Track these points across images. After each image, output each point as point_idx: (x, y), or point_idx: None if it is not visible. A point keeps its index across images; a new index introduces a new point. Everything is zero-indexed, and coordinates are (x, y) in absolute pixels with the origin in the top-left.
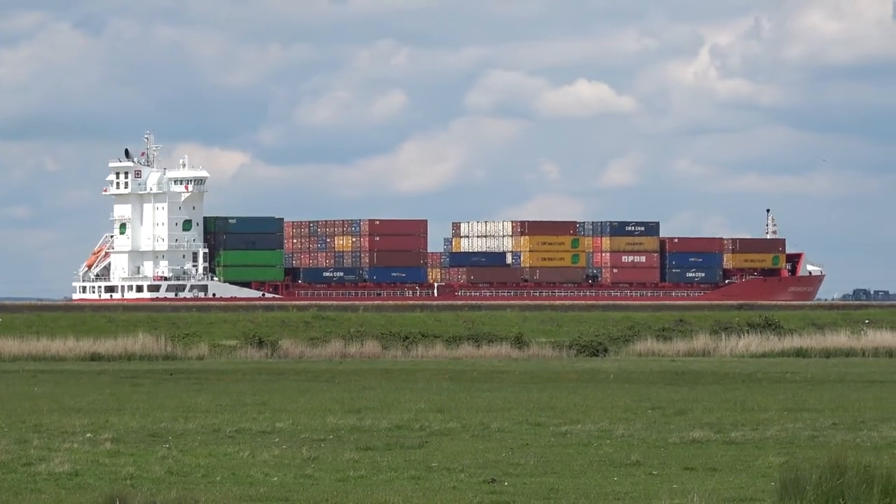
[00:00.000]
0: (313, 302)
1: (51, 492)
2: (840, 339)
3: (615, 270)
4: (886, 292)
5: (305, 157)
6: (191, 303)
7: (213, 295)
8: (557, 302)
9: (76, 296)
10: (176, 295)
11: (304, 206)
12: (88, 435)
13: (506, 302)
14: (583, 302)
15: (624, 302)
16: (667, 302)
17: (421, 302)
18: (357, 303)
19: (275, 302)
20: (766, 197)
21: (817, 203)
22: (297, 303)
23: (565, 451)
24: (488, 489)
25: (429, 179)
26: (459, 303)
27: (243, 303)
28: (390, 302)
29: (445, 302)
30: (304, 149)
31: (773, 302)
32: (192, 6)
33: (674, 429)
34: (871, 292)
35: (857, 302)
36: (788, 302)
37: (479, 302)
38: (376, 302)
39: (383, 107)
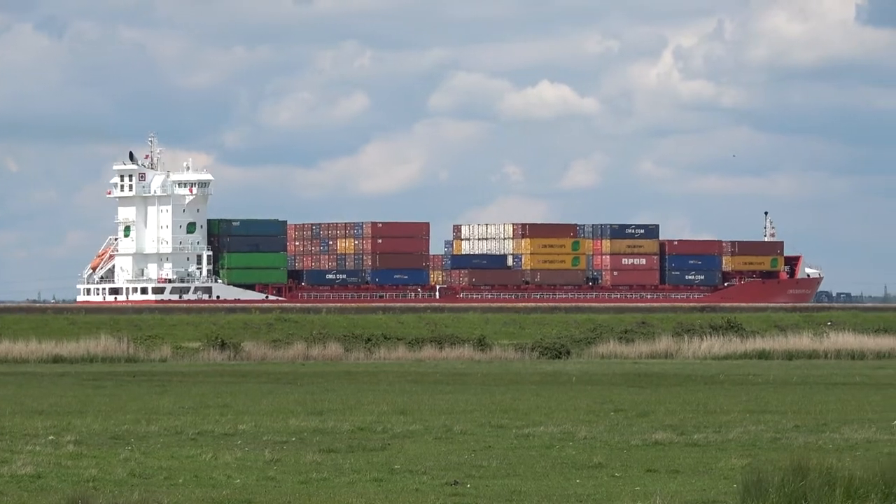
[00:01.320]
0: (316, 304)
1: (13, 494)
2: (802, 341)
3: (615, 273)
4: (849, 294)
5: (268, 159)
6: (196, 305)
7: (218, 297)
8: (561, 304)
9: (80, 298)
10: (180, 297)
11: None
12: (51, 437)
13: (507, 304)
14: (585, 304)
15: (626, 304)
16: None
17: (424, 304)
18: (360, 304)
19: (278, 304)
20: (729, 198)
21: (780, 205)
22: (300, 305)
23: (528, 453)
24: (451, 491)
25: (392, 181)
26: (463, 305)
27: (247, 304)
28: (394, 304)
29: (448, 304)
30: (268, 150)
31: (772, 304)
32: (155, 7)
33: (636, 431)
34: (834, 294)
35: (820, 304)
36: (784, 304)
37: (480, 304)
38: (379, 304)
39: (346, 109)
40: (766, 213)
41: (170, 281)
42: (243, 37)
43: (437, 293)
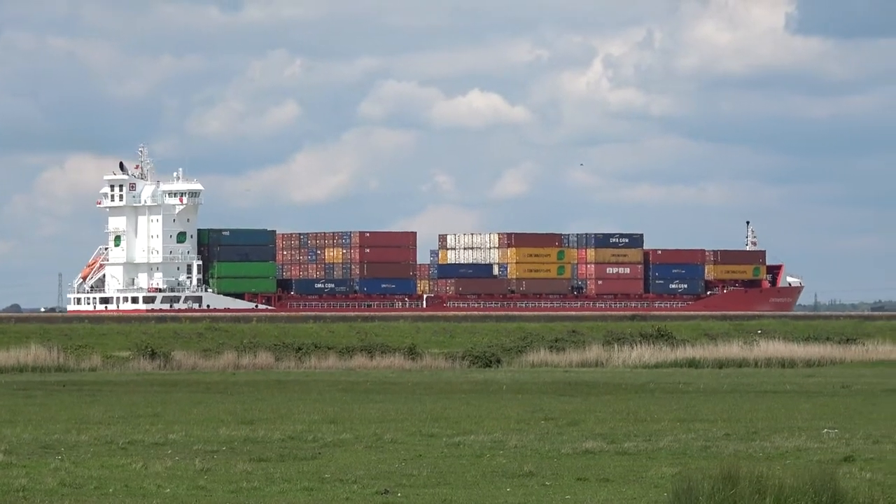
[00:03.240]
0: (306, 313)
1: None
2: (732, 349)
3: (600, 282)
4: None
5: (198, 168)
6: (186, 314)
7: (208, 306)
8: (544, 313)
9: (71, 307)
10: (171, 306)
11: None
12: None
13: (492, 313)
14: (572, 312)
15: (608, 312)
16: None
17: (410, 313)
18: (348, 314)
19: (268, 313)
20: (659, 207)
21: (709, 213)
22: (290, 314)
23: (458, 461)
24: (381, 500)
25: (322, 190)
26: (449, 314)
27: (237, 314)
28: (380, 313)
29: (434, 313)
30: (197, 159)
31: (756, 312)
32: (85, 16)
33: (567, 439)
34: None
35: (751, 312)
36: (770, 312)
37: (466, 313)
38: (367, 313)
39: (276, 117)
40: (747, 223)
41: (160, 290)
42: (172, 46)
43: (424, 302)
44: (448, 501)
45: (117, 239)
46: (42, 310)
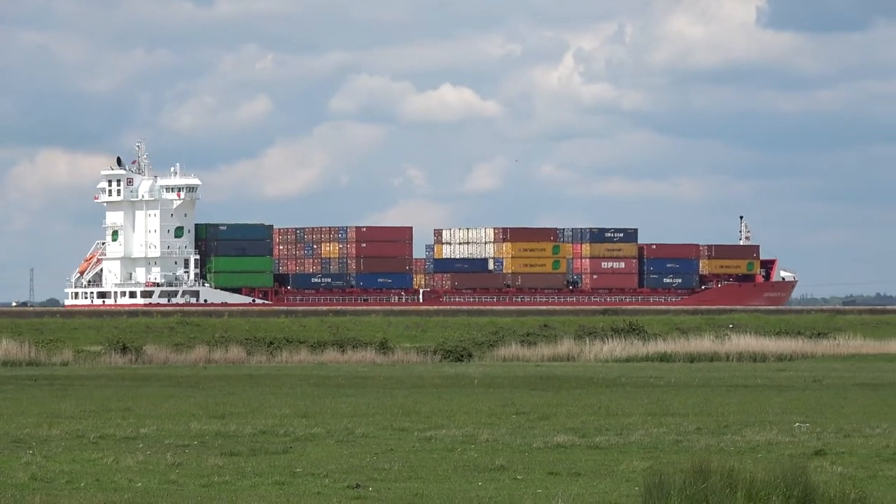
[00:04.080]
0: (303, 307)
1: None
2: (704, 343)
3: (595, 276)
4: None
5: (170, 162)
6: (183, 308)
7: (205, 301)
8: (541, 307)
9: (69, 301)
10: (169, 301)
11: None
12: None
13: (489, 307)
14: (566, 307)
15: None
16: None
17: (407, 307)
18: (346, 308)
19: (265, 307)
20: (631, 201)
21: (682, 207)
22: (287, 308)
23: (430, 456)
24: (353, 494)
25: (294, 184)
26: (445, 308)
27: (235, 308)
28: (377, 307)
29: (432, 307)
30: (169, 154)
31: (750, 307)
32: (56, 10)
33: (538, 434)
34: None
35: (722, 307)
36: (764, 307)
37: (462, 307)
38: (363, 307)
39: (248, 112)
40: (741, 218)
41: (158, 285)
42: (144, 40)
43: (421, 297)
44: (420, 495)
45: (115, 233)
46: (13, 304)
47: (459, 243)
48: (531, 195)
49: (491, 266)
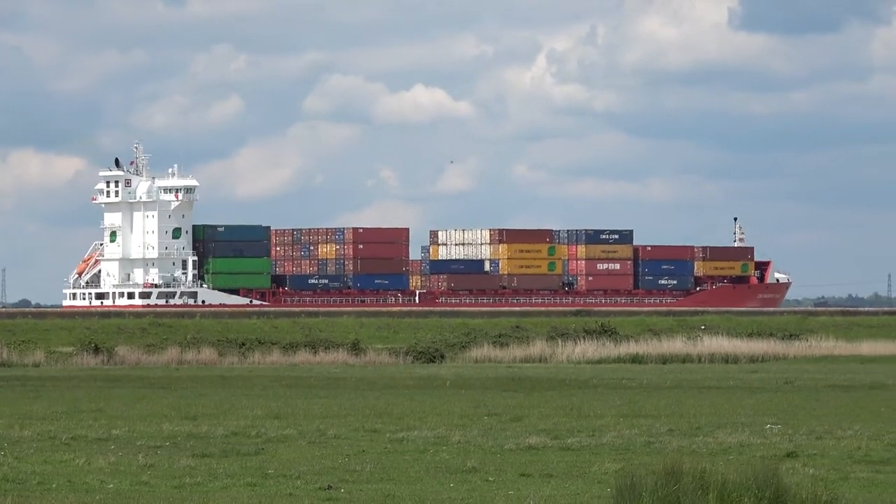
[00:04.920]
0: (300, 308)
1: None
2: (676, 344)
3: (590, 278)
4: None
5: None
6: (181, 309)
7: (203, 302)
8: (534, 308)
9: (66, 302)
10: (167, 302)
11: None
12: None
13: (484, 308)
14: (559, 308)
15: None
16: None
17: (403, 308)
18: (342, 309)
19: (262, 308)
20: (604, 202)
21: (653, 208)
22: (284, 309)
23: (402, 457)
24: (325, 496)
25: (267, 185)
26: (439, 309)
27: (231, 309)
28: (373, 308)
29: (427, 308)
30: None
31: (745, 308)
32: (29, 11)
33: (510, 435)
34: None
35: (694, 308)
36: (759, 308)
37: (458, 308)
38: (360, 308)
39: (221, 112)
40: (735, 219)
41: (156, 286)
42: (116, 41)
43: (417, 298)
44: (391, 497)
45: (113, 234)
46: None
47: (455, 244)
48: (503, 196)
49: (487, 267)
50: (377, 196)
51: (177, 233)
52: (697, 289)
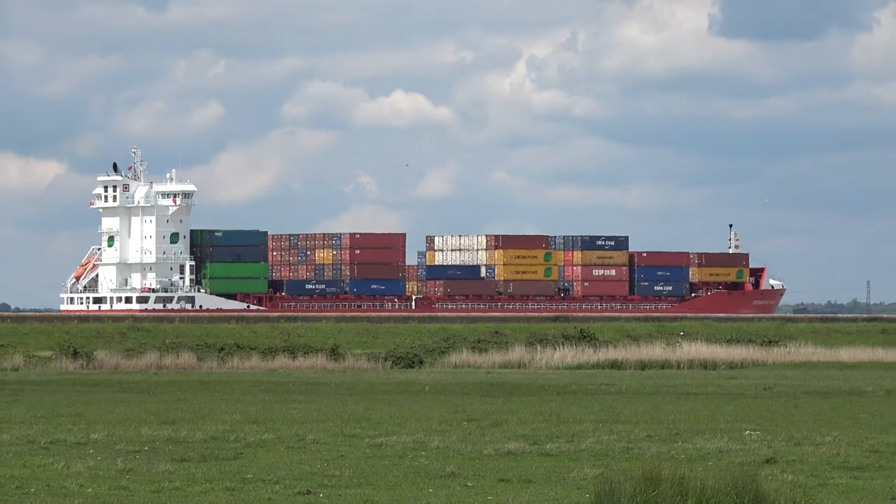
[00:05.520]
0: (296, 313)
1: None
2: (655, 350)
3: (586, 284)
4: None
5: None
6: (178, 314)
7: (200, 306)
8: (533, 314)
9: (64, 306)
10: (164, 306)
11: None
12: None
13: (481, 314)
14: (549, 313)
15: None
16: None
17: (400, 314)
18: (339, 314)
19: (259, 313)
20: (583, 208)
21: (633, 214)
22: (281, 314)
23: (380, 462)
24: (303, 500)
25: (247, 190)
26: (437, 314)
27: (229, 314)
28: (370, 314)
29: (424, 314)
30: (121, 159)
31: (740, 315)
32: (10, 15)
33: (489, 440)
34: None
35: (674, 314)
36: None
37: (455, 314)
38: (355, 313)
39: (200, 117)
40: (730, 226)
41: (153, 290)
42: (97, 46)
43: (413, 303)
44: (370, 502)
45: (110, 239)
46: None
47: (451, 250)
48: (483, 201)
49: (483, 273)
50: (356, 202)
51: (174, 237)
52: (693, 295)
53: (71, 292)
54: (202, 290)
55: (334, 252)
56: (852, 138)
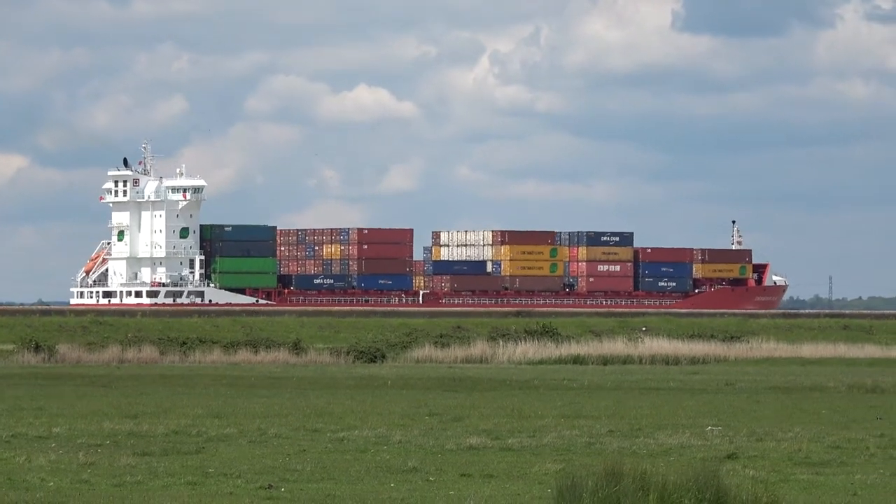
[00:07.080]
0: (306, 308)
1: None
2: (617, 346)
3: (591, 279)
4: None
5: (85, 161)
6: (189, 308)
7: (210, 301)
8: (538, 309)
9: (74, 300)
10: (174, 301)
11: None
12: None
13: (486, 309)
14: (560, 309)
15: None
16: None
17: (407, 308)
18: (347, 309)
19: (269, 308)
20: (545, 203)
21: (596, 210)
22: (290, 308)
23: (342, 457)
24: (265, 495)
25: (209, 185)
26: (444, 310)
27: (238, 308)
28: (378, 308)
29: (430, 309)
30: (84, 152)
31: (743, 311)
32: None
33: (451, 435)
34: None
35: (635, 309)
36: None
37: (461, 309)
38: (365, 308)
39: (163, 111)
40: (733, 222)
41: (163, 285)
42: (59, 39)
43: (421, 298)
44: (332, 496)
45: (121, 234)
46: None
47: (457, 245)
48: (445, 197)
49: (489, 268)
50: (319, 197)
51: (184, 232)
52: (696, 291)
53: (81, 286)
54: (212, 285)
55: (342, 247)
56: (815, 134)
